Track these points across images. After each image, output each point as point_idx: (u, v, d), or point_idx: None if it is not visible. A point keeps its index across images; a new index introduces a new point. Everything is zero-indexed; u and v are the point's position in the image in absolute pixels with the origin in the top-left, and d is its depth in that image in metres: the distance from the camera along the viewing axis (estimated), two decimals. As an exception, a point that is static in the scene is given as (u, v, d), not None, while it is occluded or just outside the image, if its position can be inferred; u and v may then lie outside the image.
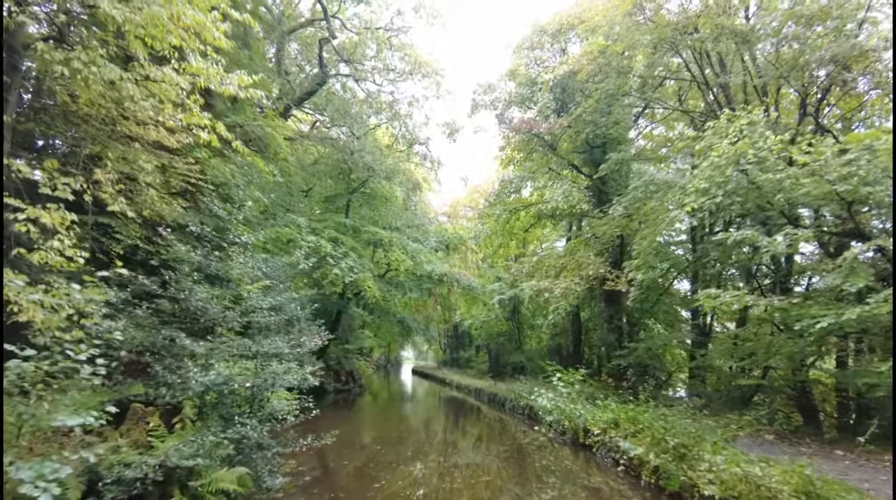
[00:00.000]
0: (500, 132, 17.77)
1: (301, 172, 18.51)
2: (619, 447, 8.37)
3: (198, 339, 7.15)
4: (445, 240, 18.66)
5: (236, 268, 7.69)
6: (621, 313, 17.18)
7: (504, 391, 17.59)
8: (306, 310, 14.78)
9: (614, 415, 9.24)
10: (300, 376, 7.38)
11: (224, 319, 7.21)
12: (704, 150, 10.61)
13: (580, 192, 14.23)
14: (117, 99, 7.41)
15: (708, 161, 9.64)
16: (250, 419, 6.55)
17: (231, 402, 6.64)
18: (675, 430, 7.16)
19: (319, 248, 15.06)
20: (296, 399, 10.35)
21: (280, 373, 7.07)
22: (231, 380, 6.40)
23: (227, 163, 12.67)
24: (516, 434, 12.90)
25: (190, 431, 6.39)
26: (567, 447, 10.43)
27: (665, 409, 9.37)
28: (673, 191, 11.36)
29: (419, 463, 9.62)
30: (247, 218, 13.99)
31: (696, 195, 9.74)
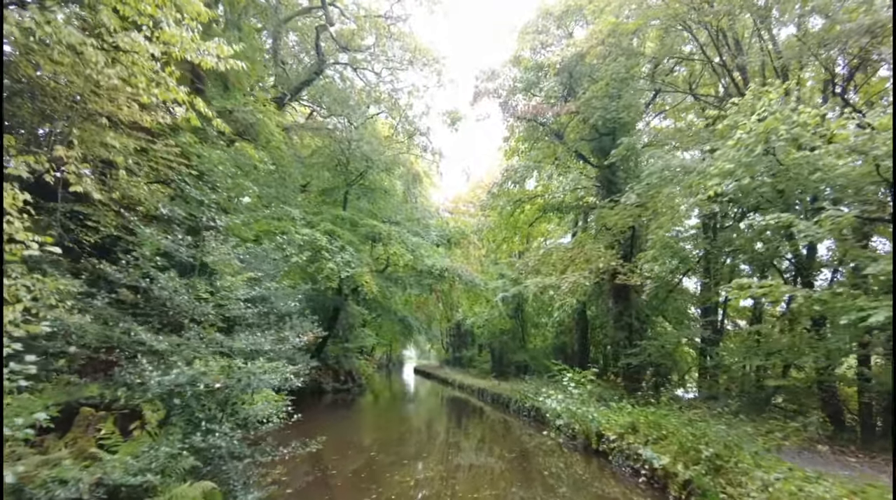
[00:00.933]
0: (504, 121, 16.86)
1: (297, 165, 17.63)
2: (638, 454, 7.42)
3: (166, 334, 6.25)
4: (447, 234, 17.73)
5: (211, 255, 6.76)
6: (631, 309, 16.20)
7: (508, 392, 16.64)
8: (297, 304, 13.92)
9: (632, 419, 8.29)
10: (281, 375, 6.44)
11: (194, 311, 6.29)
12: (727, 129, 9.67)
13: (589, 180, 13.27)
14: (87, 75, 6.53)
15: (733, 140, 8.68)
16: (221, 425, 5.63)
17: (198, 406, 5.71)
18: (707, 437, 6.21)
19: (314, 241, 14.16)
20: (284, 401, 9.44)
21: (257, 373, 6.13)
22: (197, 380, 5.47)
23: (215, 149, 11.78)
24: (522, 438, 11.95)
25: (149, 439, 5.48)
26: (578, 452, 9.48)
27: (689, 412, 8.40)
28: (690, 176, 10.40)
29: (418, 469, 8.70)
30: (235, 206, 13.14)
31: (720, 178, 8.80)
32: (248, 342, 6.58)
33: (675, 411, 8.33)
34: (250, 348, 6.80)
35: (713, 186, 8.96)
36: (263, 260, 12.62)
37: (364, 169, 17.38)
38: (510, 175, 15.38)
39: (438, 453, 10.23)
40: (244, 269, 8.37)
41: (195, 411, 5.87)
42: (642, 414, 8.15)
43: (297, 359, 12.94)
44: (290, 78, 17.99)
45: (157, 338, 5.53)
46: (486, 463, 9.14)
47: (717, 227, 14.74)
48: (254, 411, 6.12)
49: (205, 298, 6.61)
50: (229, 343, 6.27)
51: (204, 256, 6.66)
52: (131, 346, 5.47)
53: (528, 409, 13.71)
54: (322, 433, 12.84)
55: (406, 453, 10.20)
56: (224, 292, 6.56)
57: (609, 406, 9.90)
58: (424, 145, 18.63)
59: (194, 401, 5.73)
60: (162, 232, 6.80)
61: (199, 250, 6.68)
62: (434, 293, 19.35)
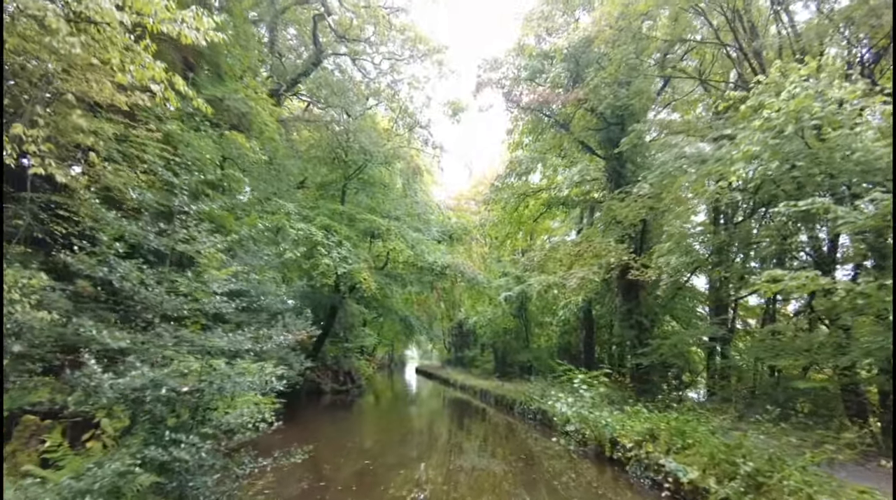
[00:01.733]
0: (508, 111, 16.08)
1: (293, 158, 16.90)
2: (660, 465, 6.63)
3: (130, 331, 5.49)
4: (448, 230, 16.97)
5: (186, 244, 6.00)
6: (640, 308, 15.39)
7: (512, 393, 15.85)
8: (292, 302, 13.17)
9: (650, 424, 7.50)
10: (261, 377, 5.67)
11: (163, 306, 5.54)
12: (750, 111, 8.89)
13: (599, 171, 12.48)
14: (54, 47, 5.79)
15: (759, 120, 7.89)
16: (189, 435, 4.87)
17: (164, 412, 4.95)
18: (744, 448, 5.42)
19: (310, 236, 13.41)
20: (272, 404, 8.69)
21: (232, 375, 5.37)
22: (161, 384, 4.71)
23: (203, 138, 11.06)
24: (528, 442, 11.16)
25: (104, 453, 4.73)
26: (589, 460, 8.69)
27: (715, 417, 7.60)
28: (708, 164, 9.60)
29: (417, 478, 7.92)
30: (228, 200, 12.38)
31: (745, 162, 8.01)
32: (224, 341, 5.80)
33: (699, 416, 7.51)
34: (228, 347, 6.04)
35: (736, 171, 8.18)
36: (254, 255, 11.90)
37: (362, 163, 16.64)
38: (514, 167, 14.61)
39: (439, 460, 9.46)
40: (232, 263, 7.65)
41: (161, 419, 5.12)
42: (663, 420, 7.36)
43: (291, 359, 12.22)
44: (288, 70, 17.29)
45: (115, 335, 4.76)
46: (490, 471, 8.38)
47: (731, 219, 13.93)
48: (230, 418, 5.33)
49: (181, 291, 5.85)
50: (201, 342, 5.49)
51: (176, 244, 5.89)
52: (86, 344, 4.70)
53: (534, 412, 12.93)
54: (317, 437, 12.08)
55: (404, 460, 9.43)
56: (198, 285, 5.79)
57: (623, 410, 9.11)
58: (425, 139, 17.89)
59: (159, 407, 4.97)
60: (133, 219, 6.06)
61: (171, 239, 5.91)
62: (435, 291, 18.59)
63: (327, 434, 12.20)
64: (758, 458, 5.15)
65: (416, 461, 9.41)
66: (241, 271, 8.12)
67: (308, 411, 16.09)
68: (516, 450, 10.16)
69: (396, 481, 7.71)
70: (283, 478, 7.71)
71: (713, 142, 10.75)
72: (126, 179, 7.39)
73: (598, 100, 12.80)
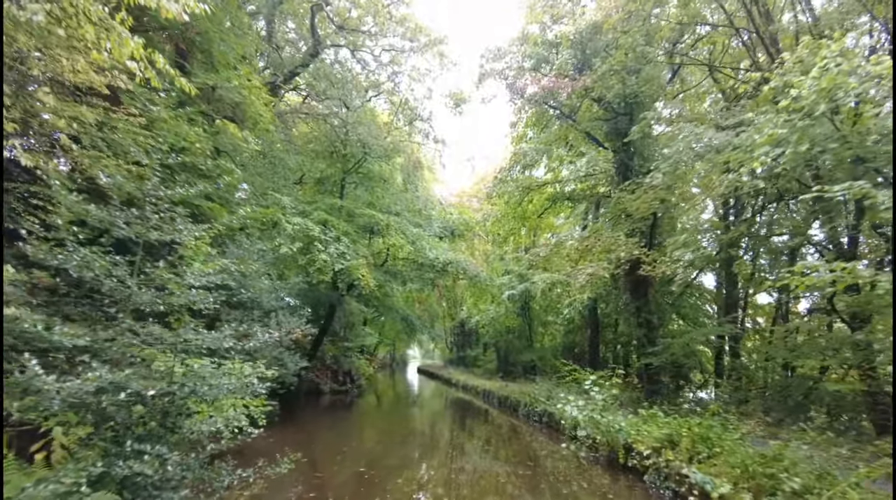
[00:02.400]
0: (512, 103, 15.42)
1: (290, 153, 16.30)
2: (682, 475, 5.98)
3: (90, 326, 4.89)
4: (450, 226, 16.33)
5: (161, 232, 5.38)
6: (649, 305, 14.71)
7: (517, 394, 15.19)
8: (287, 299, 12.54)
9: (669, 430, 6.84)
10: (239, 379, 5.05)
11: (131, 298, 4.92)
12: (772, 94, 8.26)
13: (608, 162, 11.83)
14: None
15: (785, 101, 7.22)
16: (155, 445, 4.25)
17: (126, 419, 4.33)
18: (785, 460, 4.77)
19: (306, 231, 12.80)
20: (263, 406, 8.05)
21: (206, 376, 4.74)
22: (121, 387, 4.09)
23: (193, 127, 10.47)
24: (534, 446, 10.52)
25: (59, 465, 4.10)
26: (601, 467, 8.04)
27: (743, 423, 6.94)
28: (725, 151, 8.93)
29: (416, 485, 7.29)
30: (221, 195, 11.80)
31: (770, 146, 7.34)
32: (201, 338, 5.18)
33: (723, 421, 6.85)
34: (206, 345, 5.41)
35: (759, 157, 7.52)
36: (247, 250, 11.29)
37: (361, 157, 16.03)
38: (518, 160, 13.97)
39: (440, 465, 8.83)
40: (219, 256, 7.04)
41: (129, 427, 4.51)
42: (684, 425, 6.71)
43: (286, 359, 11.60)
44: (286, 63, 16.71)
45: (66, 331, 4.14)
46: (495, 478, 7.74)
47: (741, 213, 13.27)
48: (202, 425, 4.70)
49: (155, 284, 5.24)
50: (172, 339, 4.86)
51: (148, 232, 5.27)
52: (28, 342, 4.08)
53: (540, 414, 12.27)
54: (313, 441, 11.45)
55: (403, 465, 8.80)
56: (171, 277, 5.17)
57: (636, 414, 8.44)
58: (426, 132, 17.23)
59: (122, 413, 4.35)
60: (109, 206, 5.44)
61: (143, 226, 5.29)
62: (437, 289, 17.94)
63: (324, 437, 11.59)
64: (804, 473, 4.50)
65: (416, 467, 8.78)
66: (230, 265, 7.52)
67: (306, 412, 15.47)
68: (522, 455, 9.51)
69: (395, 490, 7.07)
70: (272, 486, 7.07)
71: (728, 131, 10.11)
72: (109, 168, 6.77)
73: (607, 88, 12.15)
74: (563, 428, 10.67)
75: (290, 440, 10.53)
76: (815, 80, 6.85)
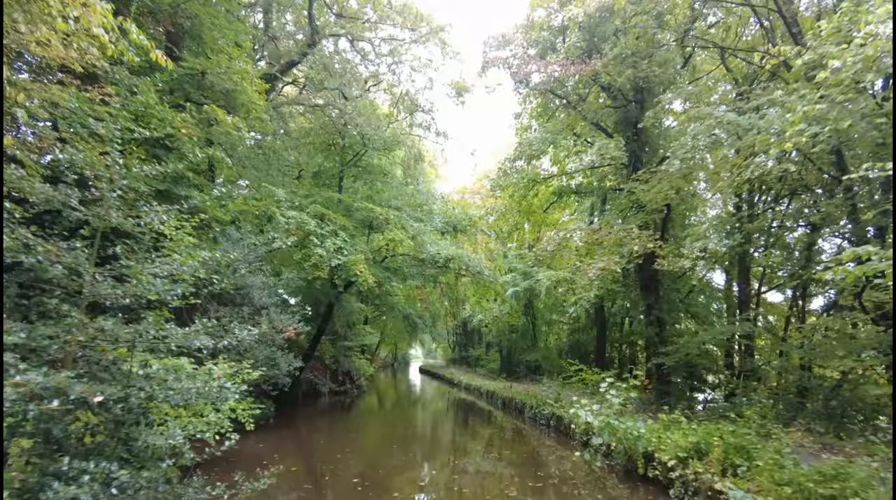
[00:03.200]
0: (516, 93, 14.69)
1: (286, 146, 15.61)
2: (716, 491, 5.21)
3: (32, 322, 4.17)
4: (452, 221, 15.59)
5: (118, 217, 4.65)
6: (661, 303, 13.94)
7: (522, 396, 14.43)
8: (283, 294, 11.81)
9: (696, 438, 6.08)
10: (205, 382, 4.32)
11: (79, 289, 4.19)
12: (804, 69, 7.50)
13: (619, 149, 11.07)
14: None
15: (823, 73, 6.47)
16: (100, 462, 3.52)
17: (64, 431, 3.60)
18: (854, 481, 4.02)
19: (302, 225, 12.08)
20: (251, 410, 7.34)
21: (167, 380, 4.02)
22: (55, 394, 3.37)
23: (180, 113, 9.80)
24: (542, 452, 9.76)
25: None
26: (617, 477, 7.28)
27: (786, 433, 6.16)
28: (751, 134, 8.17)
29: (415, 497, 6.56)
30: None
31: (806, 123, 6.58)
32: (165, 335, 4.45)
33: (759, 428, 6.08)
34: (175, 344, 4.69)
35: (793, 136, 6.75)
36: (237, 243, 10.58)
37: (360, 149, 15.31)
38: (524, 149, 13.22)
39: (441, 472, 8.08)
40: (204, 247, 6.34)
41: (79, 439, 3.79)
42: (715, 433, 5.94)
43: (278, 359, 10.87)
44: (283, 54, 16.01)
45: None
46: (502, 489, 6.97)
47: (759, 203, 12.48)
48: (155, 438, 3.96)
49: (101, 271, 4.51)
50: (129, 336, 4.14)
51: (107, 213, 4.54)
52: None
53: (547, 417, 11.51)
54: (308, 446, 10.72)
55: (402, 474, 8.05)
56: (132, 265, 4.44)
57: (656, 418, 7.68)
58: (427, 124, 16.51)
59: (58, 424, 3.62)
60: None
61: (102, 207, 4.57)
62: (438, 286, 17.18)
63: (319, 441, 10.87)
64: (882, 497, 3.75)
65: (416, 475, 8.03)
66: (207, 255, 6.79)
67: (303, 414, 14.77)
68: (531, 463, 8.75)
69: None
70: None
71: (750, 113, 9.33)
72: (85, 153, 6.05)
73: (617, 73, 11.39)
74: (573, 433, 9.92)
75: (282, 445, 9.82)
76: (859, 47, 6.11)
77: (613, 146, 11.01)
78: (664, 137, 13.43)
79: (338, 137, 15.26)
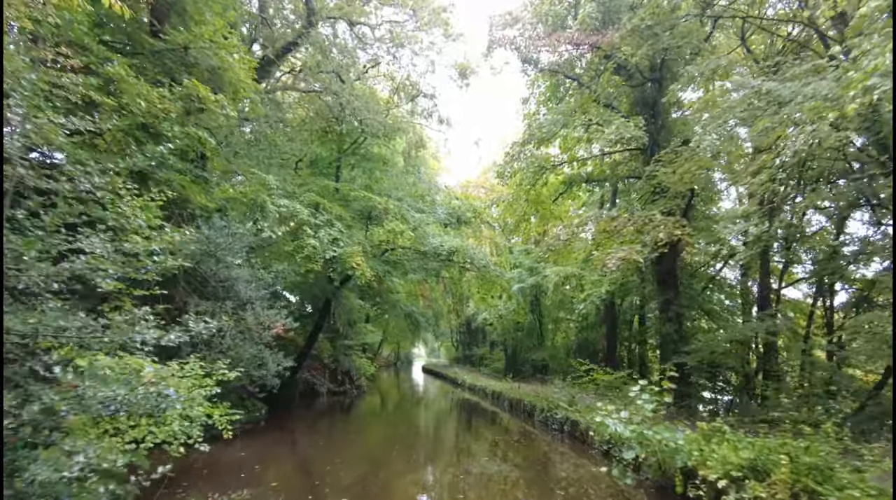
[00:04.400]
0: (524, 74, 13.61)
1: (281, 134, 14.55)
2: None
3: None
4: (456, 212, 14.51)
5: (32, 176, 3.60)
6: (680, 298, 12.82)
7: (531, 397, 13.32)
8: (267, 288, 10.80)
9: (752, 453, 4.97)
10: (136, 390, 3.25)
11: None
12: (865, 21, 6.41)
13: (638, 128, 9.96)
14: None
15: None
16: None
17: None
18: None
19: (294, 213, 11.01)
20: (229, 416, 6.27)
21: (78, 386, 2.95)
22: None
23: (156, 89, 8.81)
24: (557, 463, 8.66)
25: None
26: (647, 495, 6.17)
27: (870, 446, 5.04)
28: (794, 103, 7.06)
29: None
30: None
31: (880, 77, 5.47)
32: (89, 327, 3.39)
33: (834, 441, 4.96)
34: (108, 338, 3.63)
35: (856, 96, 5.65)
36: (221, 231, 9.55)
37: (358, 136, 14.25)
38: (533, 132, 12.12)
39: (443, 492, 6.99)
40: (169, 228, 5.34)
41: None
42: (779, 448, 4.81)
43: (266, 358, 9.80)
44: (279, 39, 14.97)
45: None
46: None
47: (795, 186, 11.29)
48: (48, 469, 2.88)
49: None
50: (26, 328, 3.07)
51: (13, 174, 3.49)
52: None
53: (560, 422, 10.40)
54: (295, 454, 9.64)
55: (400, 490, 6.97)
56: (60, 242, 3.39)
57: (694, 426, 6.56)
58: (430, 111, 15.40)
59: None
60: None
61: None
62: (441, 282, 16.08)
63: (309, 449, 9.81)
64: None
65: (415, 493, 6.95)
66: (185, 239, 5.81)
67: (297, 417, 13.73)
68: (546, 477, 7.64)
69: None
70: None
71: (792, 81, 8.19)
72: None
73: (636, 45, 10.28)
74: (591, 440, 8.81)
75: (268, 452, 8.75)
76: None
77: (633, 125, 9.89)
78: (683, 122, 12.32)
79: (335, 124, 14.20)
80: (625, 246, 9.23)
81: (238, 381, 8.89)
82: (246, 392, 11.37)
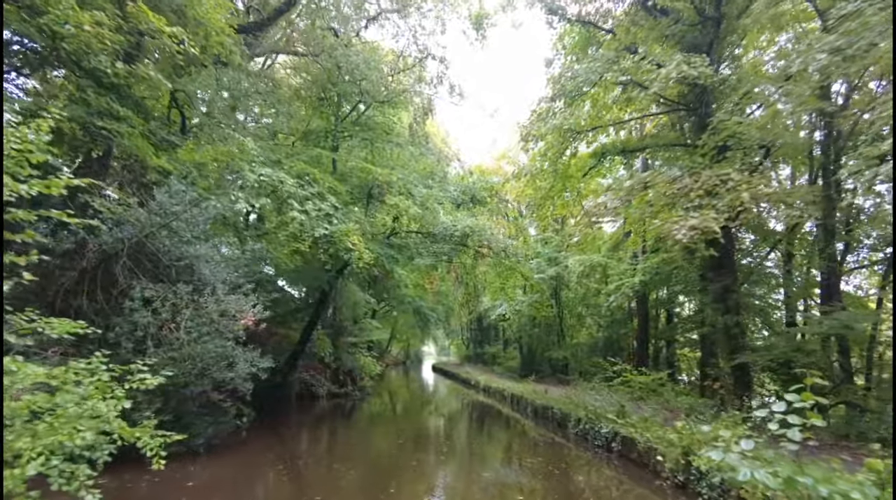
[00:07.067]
0: (549, 26, 11.29)
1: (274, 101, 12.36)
2: None
3: None
4: (469, 189, 12.23)
5: None
6: (737, 284, 10.41)
7: (561, 403, 10.95)
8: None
9: None
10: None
11: None
12: None
13: (704, 66, 7.59)
14: None
15: None
16: None
17: None
18: None
19: (277, 183, 8.80)
20: (164, 435, 4.03)
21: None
22: None
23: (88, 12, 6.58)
24: (611, 491, 6.30)
25: None
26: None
27: None
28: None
29: None
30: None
31: None
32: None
33: None
34: None
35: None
36: (177, 196, 7.36)
37: (357, 101, 12.02)
38: (565, 85, 9.80)
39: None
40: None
41: None
42: None
43: (234, 356, 7.58)
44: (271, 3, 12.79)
45: None
46: None
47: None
48: None
49: None
50: None
51: None
52: None
53: (606, 437, 8.02)
54: (269, 478, 7.44)
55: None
56: None
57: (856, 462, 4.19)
58: (440, 77, 13.12)
59: None
60: None
61: None
62: (452, 269, 13.78)
63: (285, 478, 7.54)
64: None
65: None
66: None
67: (286, 424, 11.57)
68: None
69: None
70: None
71: None
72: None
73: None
74: (655, 465, 6.45)
75: (235, 477, 6.53)
76: None
77: (700, 61, 7.54)
78: (754, 65, 9.90)
79: (330, 89, 12.01)
80: (694, 214, 6.87)
81: (192, 386, 6.69)
82: (234, 397, 9.09)
